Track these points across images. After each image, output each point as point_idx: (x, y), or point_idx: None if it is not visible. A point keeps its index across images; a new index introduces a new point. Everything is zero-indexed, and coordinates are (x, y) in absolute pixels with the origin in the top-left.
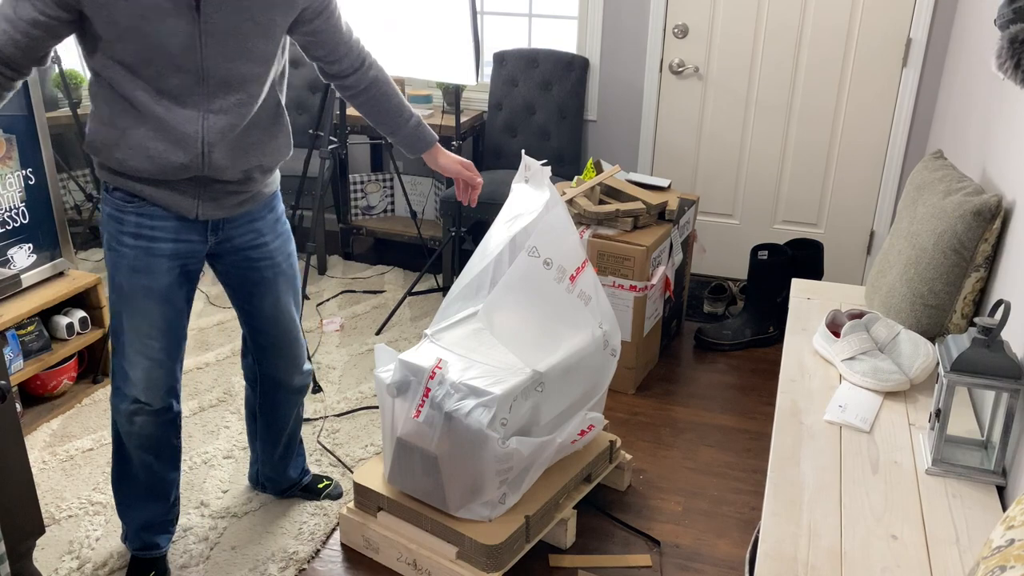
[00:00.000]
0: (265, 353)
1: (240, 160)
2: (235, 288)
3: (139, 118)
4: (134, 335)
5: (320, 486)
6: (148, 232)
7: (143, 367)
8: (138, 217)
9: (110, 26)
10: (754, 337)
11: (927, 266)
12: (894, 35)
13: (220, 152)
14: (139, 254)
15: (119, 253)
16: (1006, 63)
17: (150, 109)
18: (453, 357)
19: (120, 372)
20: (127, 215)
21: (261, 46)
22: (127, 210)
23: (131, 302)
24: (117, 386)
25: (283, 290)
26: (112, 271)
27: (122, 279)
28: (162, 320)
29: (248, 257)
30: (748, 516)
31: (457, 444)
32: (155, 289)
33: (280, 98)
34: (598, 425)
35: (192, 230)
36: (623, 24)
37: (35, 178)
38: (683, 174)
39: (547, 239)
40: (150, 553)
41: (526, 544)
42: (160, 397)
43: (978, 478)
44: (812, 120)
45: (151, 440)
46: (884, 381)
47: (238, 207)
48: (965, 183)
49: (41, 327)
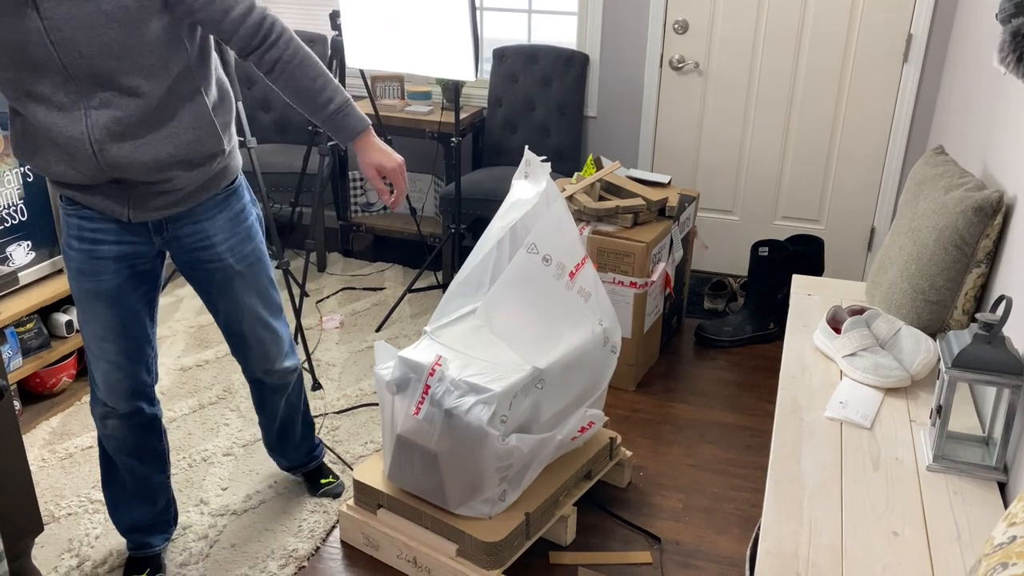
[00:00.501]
0: (236, 350)
1: (143, 155)
2: (195, 287)
3: (37, 131)
4: (91, 338)
5: (322, 480)
6: (90, 235)
7: (102, 370)
8: (79, 220)
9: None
10: (755, 334)
11: (928, 262)
12: (895, 30)
13: (114, 150)
14: (84, 257)
15: (68, 256)
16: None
17: (37, 116)
18: (453, 354)
19: (91, 376)
20: (70, 219)
21: (120, 38)
22: (70, 213)
23: (82, 305)
24: (91, 389)
25: (241, 291)
26: (68, 273)
27: (73, 283)
28: (115, 322)
29: (197, 259)
30: (749, 513)
31: (457, 441)
32: (103, 292)
33: (203, 84)
34: (598, 422)
35: (133, 231)
36: (623, 20)
37: (33, 175)
38: (683, 170)
39: (546, 236)
40: (143, 552)
41: (526, 541)
42: (124, 400)
43: (979, 474)
44: (813, 116)
45: (127, 443)
46: (885, 377)
47: (172, 207)
48: (966, 179)
49: (40, 324)
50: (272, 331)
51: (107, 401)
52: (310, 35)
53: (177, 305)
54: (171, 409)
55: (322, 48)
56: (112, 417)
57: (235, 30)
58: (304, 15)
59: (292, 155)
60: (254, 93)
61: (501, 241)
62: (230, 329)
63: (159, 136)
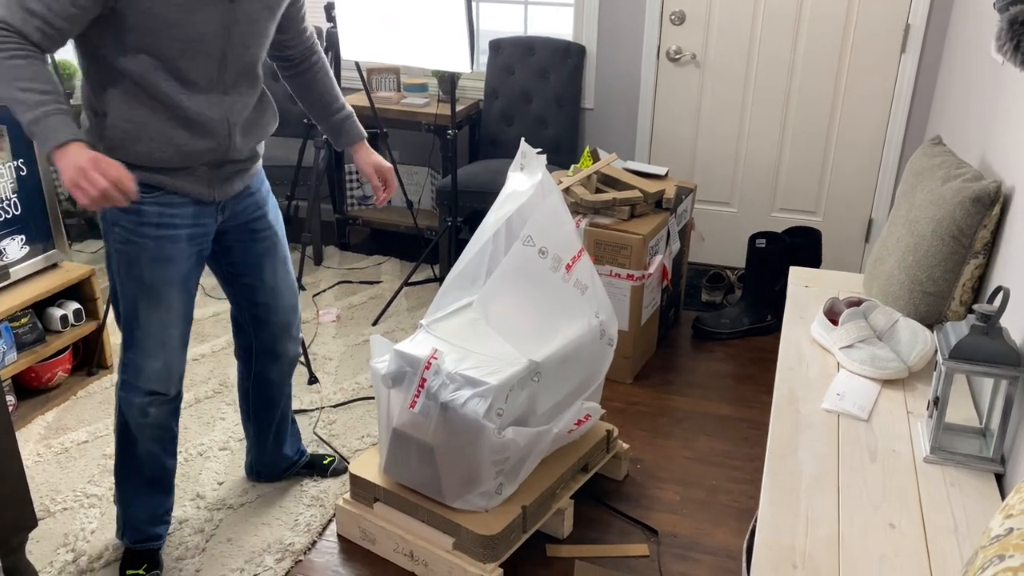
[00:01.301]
0: (264, 326)
1: (251, 138)
2: (237, 263)
3: (160, 109)
4: (157, 326)
5: (324, 462)
6: (168, 220)
7: (163, 358)
8: (159, 207)
9: (147, 18)
10: (752, 326)
11: (926, 253)
12: (892, 21)
13: (240, 134)
14: (162, 243)
15: (139, 245)
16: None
17: (173, 99)
18: (449, 347)
19: (133, 367)
20: (147, 206)
21: (270, 30)
22: (146, 201)
23: (154, 293)
24: (127, 381)
25: (281, 258)
26: (127, 265)
27: (143, 271)
28: (183, 307)
29: (252, 229)
30: (746, 505)
31: (453, 434)
32: (178, 277)
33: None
34: (595, 415)
35: (206, 214)
36: (620, 11)
37: (27, 169)
38: (680, 162)
39: (542, 228)
40: (148, 545)
41: (523, 534)
42: (175, 384)
43: (976, 466)
44: (810, 107)
45: (161, 430)
46: (882, 369)
47: (243, 183)
48: (964, 169)
49: (35, 319)
50: (297, 298)
51: (157, 388)
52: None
53: None
54: None
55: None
56: (156, 404)
57: (303, 29)
58: None
59: (288, 148)
60: None
61: (497, 233)
62: (267, 303)
63: (263, 120)
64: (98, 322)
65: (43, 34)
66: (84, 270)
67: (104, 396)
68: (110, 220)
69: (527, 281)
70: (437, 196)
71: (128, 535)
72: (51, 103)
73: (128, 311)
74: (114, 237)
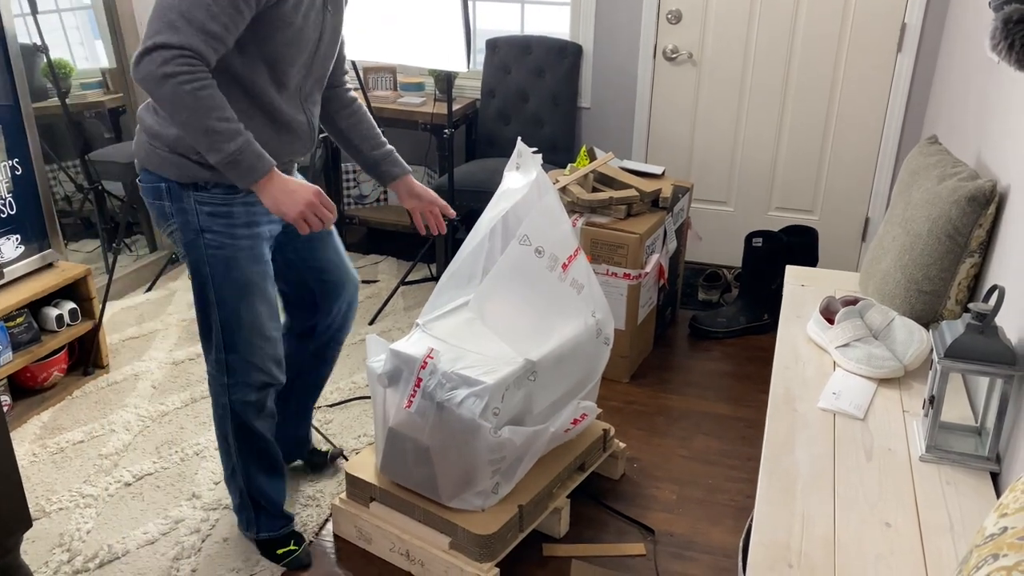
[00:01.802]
0: (332, 301)
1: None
2: (303, 248)
3: (258, 112)
4: (262, 322)
5: (325, 451)
6: (255, 218)
7: (270, 351)
8: (245, 206)
9: (278, 23)
10: (749, 325)
11: (921, 252)
12: (889, 20)
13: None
14: (255, 242)
15: (235, 247)
16: (1000, 44)
17: (272, 103)
18: (445, 347)
19: (241, 368)
20: (235, 207)
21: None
22: (234, 203)
23: (255, 290)
24: (238, 382)
25: (336, 234)
26: (225, 268)
27: (243, 271)
28: (275, 298)
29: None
30: (742, 504)
31: (449, 434)
32: (269, 272)
33: None
34: (591, 414)
35: None
36: (616, 10)
37: (22, 168)
38: (677, 161)
39: (539, 227)
40: (288, 528)
41: (519, 534)
42: (283, 371)
43: (972, 464)
44: (806, 106)
45: (272, 418)
46: (878, 368)
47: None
48: (960, 168)
49: (30, 319)
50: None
51: (270, 380)
52: None
53: (169, 299)
54: (163, 403)
55: None
56: (269, 396)
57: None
58: None
59: None
60: None
61: (493, 231)
62: (334, 279)
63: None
64: (94, 322)
65: (216, 54)
66: (80, 270)
67: (100, 396)
68: (197, 229)
69: (523, 280)
70: None
71: (265, 527)
72: (244, 131)
73: (228, 315)
74: (205, 243)
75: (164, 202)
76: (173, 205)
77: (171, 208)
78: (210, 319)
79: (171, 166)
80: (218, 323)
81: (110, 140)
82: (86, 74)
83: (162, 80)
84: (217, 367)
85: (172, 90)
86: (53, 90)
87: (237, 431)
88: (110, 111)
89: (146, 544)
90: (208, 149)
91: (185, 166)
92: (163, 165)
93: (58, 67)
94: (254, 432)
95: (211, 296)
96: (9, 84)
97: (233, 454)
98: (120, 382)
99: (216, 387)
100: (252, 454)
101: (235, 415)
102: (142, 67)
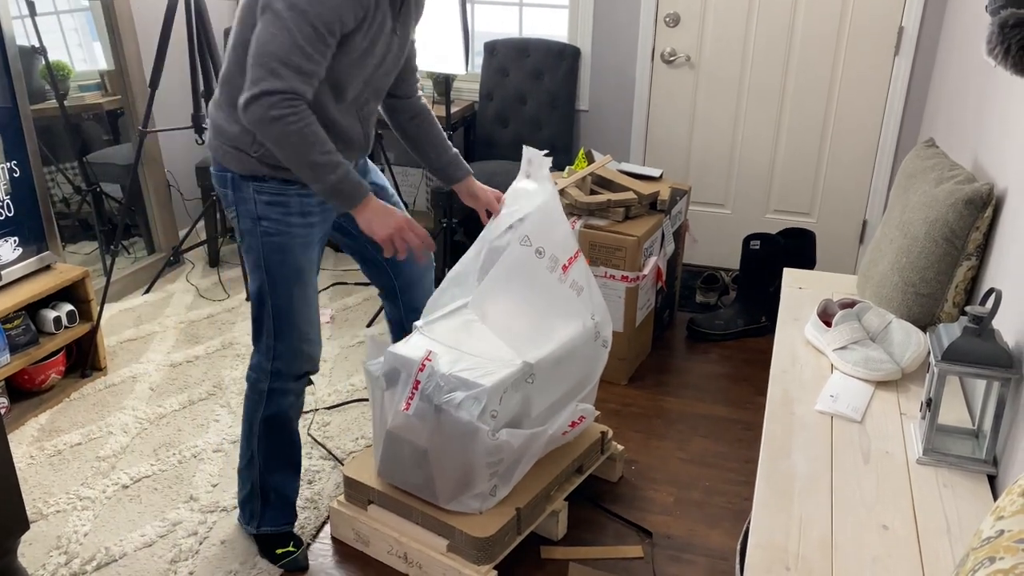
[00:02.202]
0: (414, 288)
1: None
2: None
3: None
4: (309, 308)
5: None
6: (308, 209)
7: (314, 337)
8: (300, 198)
9: (348, 48)
10: (746, 327)
11: (919, 255)
12: (886, 23)
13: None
14: (307, 231)
15: (290, 235)
16: (996, 48)
17: (330, 114)
18: (443, 349)
19: (288, 355)
20: (291, 197)
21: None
22: (290, 193)
23: (304, 277)
24: (280, 370)
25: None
26: (281, 255)
27: (296, 258)
28: (316, 287)
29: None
30: (740, 507)
31: (447, 437)
32: (316, 260)
33: None
34: (589, 417)
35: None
36: (614, 13)
37: (20, 171)
38: (675, 164)
39: (539, 228)
40: (286, 528)
41: (517, 536)
42: (319, 360)
43: (969, 467)
44: (804, 109)
45: (300, 410)
46: (875, 371)
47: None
48: (957, 171)
49: (28, 321)
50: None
51: (310, 368)
52: None
53: (167, 301)
54: (161, 405)
55: None
56: (303, 386)
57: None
58: None
59: None
60: None
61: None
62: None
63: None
64: (91, 324)
65: (313, 87)
66: (78, 272)
67: (97, 398)
68: (255, 216)
69: (524, 281)
70: (432, 198)
71: (269, 522)
72: (343, 161)
73: (282, 302)
74: (262, 231)
75: (228, 190)
76: (235, 194)
77: (233, 196)
78: (264, 306)
79: (233, 160)
80: (271, 310)
81: (108, 142)
82: (84, 76)
83: (271, 123)
84: (265, 353)
85: (280, 130)
86: (51, 92)
87: (266, 420)
88: (108, 113)
89: (143, 547)
90: (313, 180)
91: (245, 160)
92: (227, 158)
93: (56, 69)
94: (284, 424)
95: (266, 283)
96: (8, 86)
97: (255, 443)
98: (118, 384)
99: (257, 373)
100: (276, 446)
101: (269, 403)
102: (251, 112)
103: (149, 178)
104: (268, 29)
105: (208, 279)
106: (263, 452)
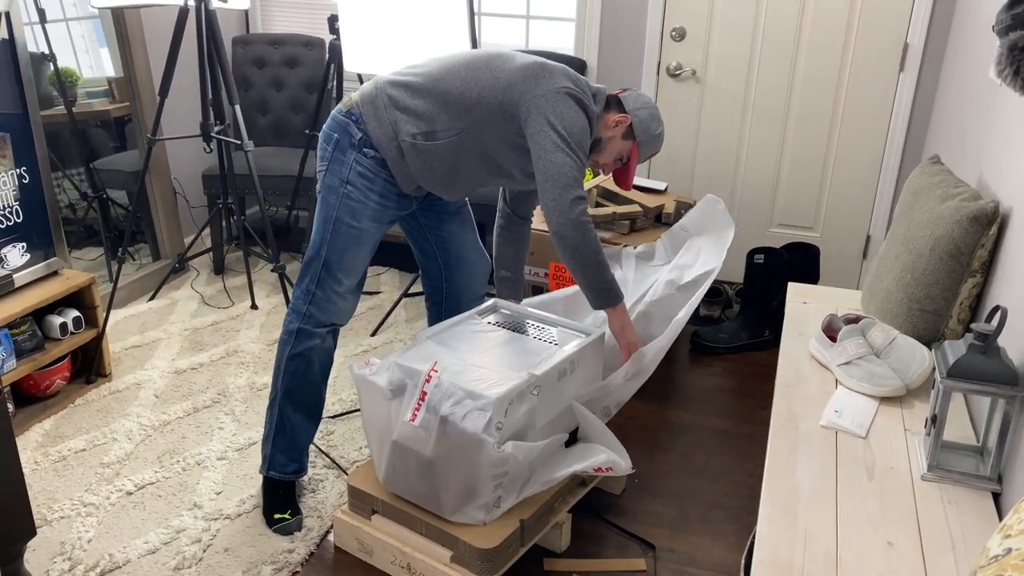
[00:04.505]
0: (457, 271)
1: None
2: (433, 225)
3: (482, 165)
4: (354, 268)
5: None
6: (388, 192)
7: (350, 296)
8: (385, 182)
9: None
10: (750, 341)
11: (924, 271)
12: (891, 40)
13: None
14: (382, 210)
15: (364, 204)
16: (1005, 70)
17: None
18: (449, 359)
19: (323, 303)
20: (378, 178)
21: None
22: (380, 174)
23: (365, 239)
24: (312, 315)
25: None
26: (352, 214)
27: (363, 223)
28: (368, 260)
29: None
30: (744, 521)
31: (452, 448)
32: (380, 234)
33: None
34: (616, 469)
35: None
36: (621, 26)
37: (29, 177)
38: (680, 177)
39: None
40: (297, 476)
41: (521, 548)
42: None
43: (974, 484)
44: (809, 124)
45: (329, 356)
46: (880, 386)
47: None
48: (962, 188)
49: (34, 326)
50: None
51: (338, 320)
52: (308, 39)
53: (172, 308)
54: (165, 412)
55: (320, 52)
56: (332, 334)
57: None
58: (303, 19)
59: (288, 158)
60: (251, 96)
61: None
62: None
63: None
64: (97, 330)
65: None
66: (84, 278)
67: (102, 404)
68: (344, 179)
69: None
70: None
71: (276, 467)
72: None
73: (334, 257)
74: (344, 193)
75: (329, 148)
76: (334, 154)
77: (332, 155)
78: (318, 256)
79: (379, 124)
80: (323, 261)
81: (115, 148)
82: (92, 83)
83: (581, 225)
84: (303, 297)
85: (584, 233)
86: (59, 98)
87: (292, 358)
88: (115, 120)
89: (147, 553)
90: (595, 277)
91: (388, 131)
92: (374, 114)
93: (65, 76)
94: (308, 366)
95: (328, 237)
96: (19, 94)
97: (280, 380)
98: (122, 391)
99: (292, 315)
100: (298, 384)
101: (297, 342)
102: (574, 213)
103: (156, 185)
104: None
105: (213, 286)
106: (284, 387)
